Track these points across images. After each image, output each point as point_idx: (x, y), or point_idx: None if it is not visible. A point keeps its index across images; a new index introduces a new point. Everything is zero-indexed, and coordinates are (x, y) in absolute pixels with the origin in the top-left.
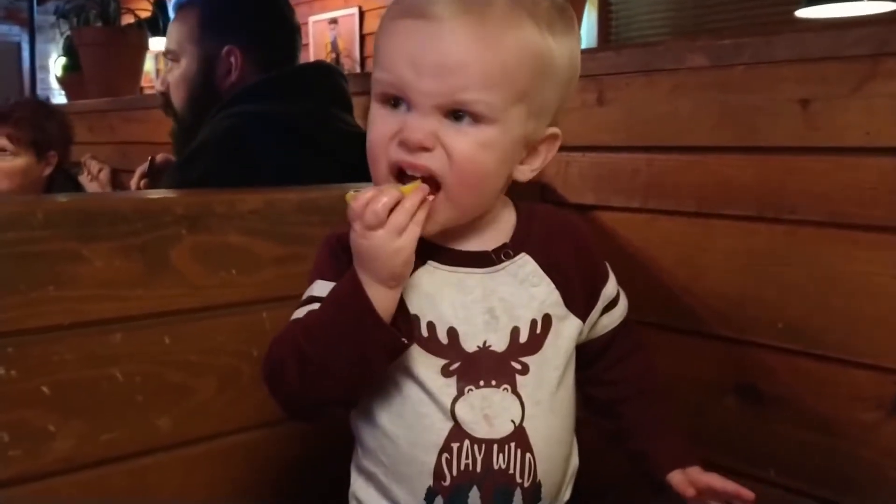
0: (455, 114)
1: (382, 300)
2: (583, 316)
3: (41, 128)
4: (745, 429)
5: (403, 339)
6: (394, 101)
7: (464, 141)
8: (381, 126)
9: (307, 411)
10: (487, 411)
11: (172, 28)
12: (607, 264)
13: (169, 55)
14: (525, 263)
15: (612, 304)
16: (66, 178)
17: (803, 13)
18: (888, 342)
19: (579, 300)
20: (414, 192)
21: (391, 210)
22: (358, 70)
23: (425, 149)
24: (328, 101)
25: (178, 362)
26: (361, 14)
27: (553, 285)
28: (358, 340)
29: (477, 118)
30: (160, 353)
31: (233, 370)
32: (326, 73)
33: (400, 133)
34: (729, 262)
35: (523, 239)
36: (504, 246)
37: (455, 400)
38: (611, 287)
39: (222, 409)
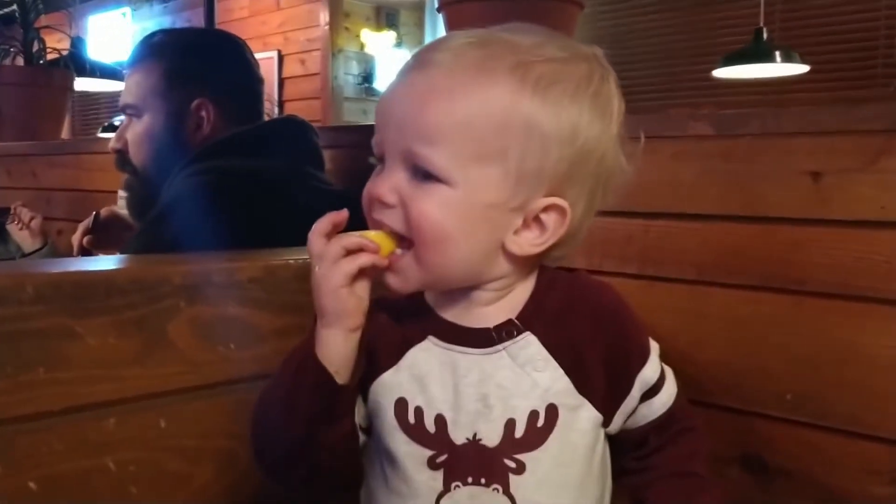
0: (422, 172)
1: (323, 341)
2: (606, 406)
3: None
4: (750, 500)
5: (335, 379)
6: (381, 161)
7: (421, 200)
8: (367, 187)
9: (270, 472)
10: None
11: (132, 82)
12: (652, 343)
13: (128, 110)
14: (527, 344)
15: (653, 391)
16: None
17: (720, 73)
18: None
19: (600, 387)
20: (373, 237)
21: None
22: (276, 112)
23: (385, 204)
24: (302, 159)
25: (175, 447)
26: (280, 58)
27: (561, 370)
28: (291, 371)
29: (433, 177)
30: (155, 438)
31: (230, 454)
32: (301, 130)
33: None
34: (731, 331)
35: (532, 314)
36: (508, 323)
37: (440, 496)
38: (650, 371)
39: (219, 496)
